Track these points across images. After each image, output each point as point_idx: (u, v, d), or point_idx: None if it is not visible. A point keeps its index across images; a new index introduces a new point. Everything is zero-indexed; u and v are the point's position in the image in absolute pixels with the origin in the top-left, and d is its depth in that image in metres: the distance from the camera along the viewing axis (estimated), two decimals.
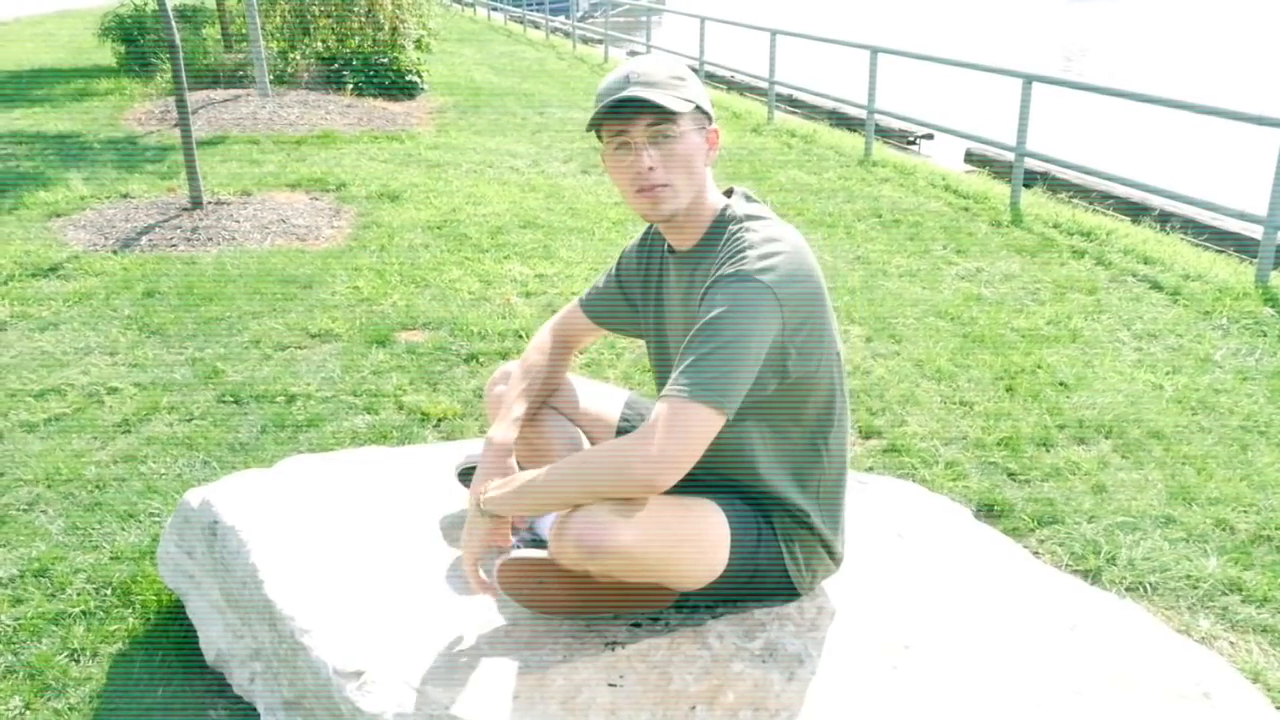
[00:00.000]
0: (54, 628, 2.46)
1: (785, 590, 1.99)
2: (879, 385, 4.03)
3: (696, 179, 1.83)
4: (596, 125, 1.79)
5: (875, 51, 9.43)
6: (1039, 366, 4.29)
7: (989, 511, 3.15)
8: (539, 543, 2.10)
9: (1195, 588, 2.78)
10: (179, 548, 2.37)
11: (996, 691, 1.80)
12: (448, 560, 2.10)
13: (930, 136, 12.07)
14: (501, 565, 1.90)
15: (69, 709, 2.22)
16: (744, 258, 1.77)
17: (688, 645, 1.87)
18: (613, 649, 1.85)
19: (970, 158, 10.85)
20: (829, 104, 12.80)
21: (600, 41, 18.72)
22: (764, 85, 11.80)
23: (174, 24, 5.64)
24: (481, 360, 4.02)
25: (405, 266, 5.13)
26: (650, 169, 1.78)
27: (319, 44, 11.41)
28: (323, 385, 3.76)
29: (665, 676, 1.79)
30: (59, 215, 5.91)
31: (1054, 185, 9.11)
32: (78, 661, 2.36)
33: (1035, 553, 2.94)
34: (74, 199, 6.21)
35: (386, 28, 11.77)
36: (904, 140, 12.17)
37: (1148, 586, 2.78)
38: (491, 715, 1.69)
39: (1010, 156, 7.66)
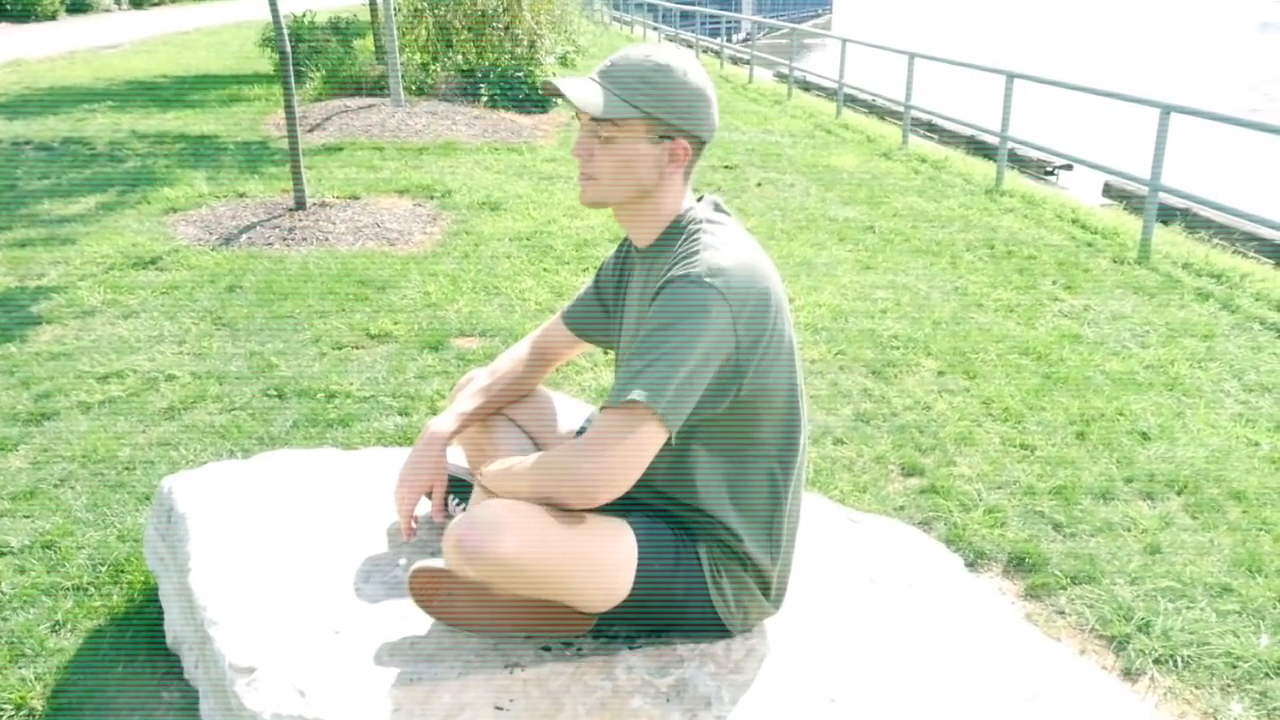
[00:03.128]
0: (45, 599, 2.55)
1: (713, 627, 1.87)
2: (936, 422, 3.81)
3: (630, 184, 1.78)
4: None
5: (1011, 77, 9.05)
6: (1120, 413, 3.97)
7: (1019, 564, 2.92)
8: None
9: (1234, 667, 2.49)
10: (156, 531, 2.42)
11: None
12: (379, 565, 2.07)
13: (1069, 167, 11.50)
14: (412, 574, 1.85)
15: (35, 677, 2.28)
16: (696, 260, 1.70)
17: (592, 675, 1.77)
18: (511, 670, 1.77)
19: (1109, 191, 10.27)
20: (967, 130, 12.36)
21: (748, 62, 18.65)
22: (902, 109, 11.50)
23: (285, 33, 5.88)
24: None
25: (481, 274, 5.18)
26: (582, 157, 1.77)
27: (459, 57, 11.74)
28: (365, 385, 3.82)
29: (557, 705, 1.70)
30: (175, 211, 6.23)
31: (1194, 223, 8.51)
32: (57, 633, 2.43)
33: (1060, 612, 2.71)
34: (193, 196, 6.54)
35: (525, 43, 12.02)
36: (1041, 170, 11.63)
37: (1179, 661, 2.51)
38: None
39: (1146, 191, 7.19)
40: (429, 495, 2.04)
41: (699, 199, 1.88)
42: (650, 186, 1.79)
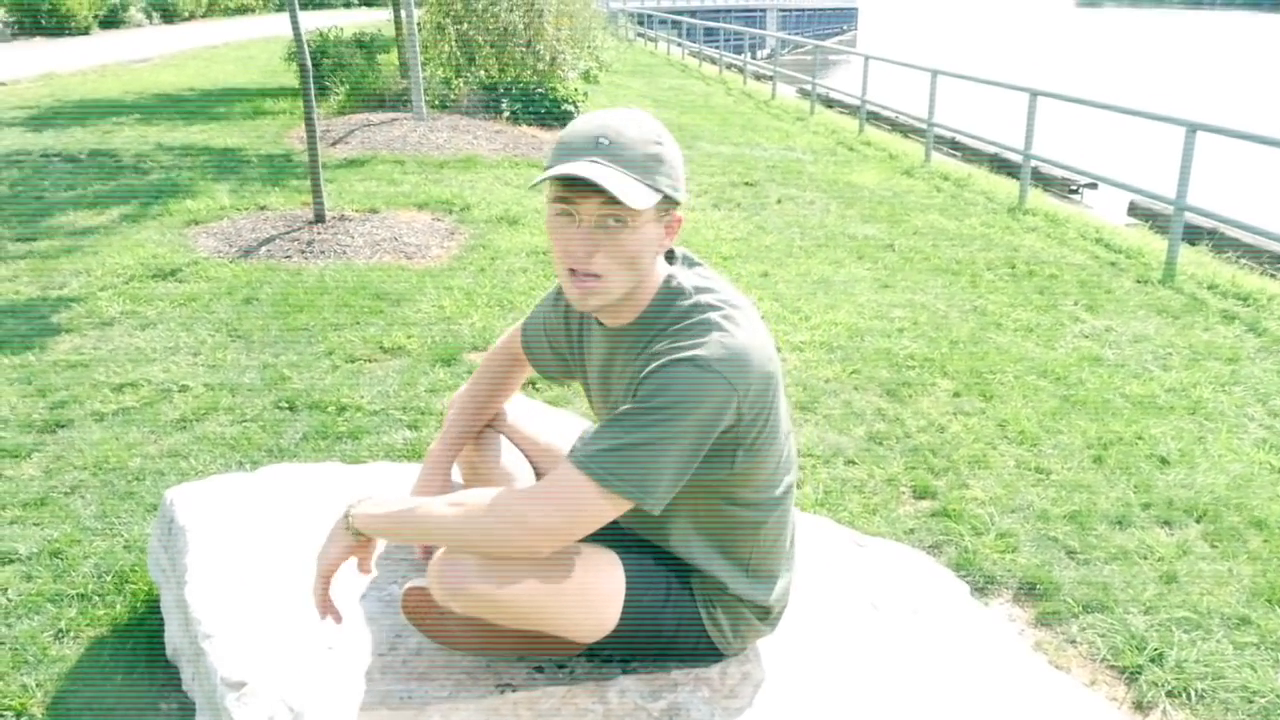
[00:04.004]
0: (50, 606, 2.55)
1: (707, 652, 1.84)
2: (950, 443, 3.76)
3: (639, 272, 1.61)
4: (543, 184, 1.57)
5: (1034, 94, 9.00)
6: (1140, 437, 3.92)
7: (1030, 590, 2.87)
8: None
9: (1250, 701, 2.44)
10: (159, 542, 2.42)
11: None
12: (376, 583, 2.06)
13: (1094, 186, 11.41)
14: (406, 592, 1.84)
15: (35, 685, 2.29)
16: (702, 341, 1.56)
17: (584, 698, 1.75)
18: (503, 692, 1.75)
19: (1134, 210, 10.18)
20: (991, 148, 12.29)
21: (771, 78, 18.65)
22: (925, 127, 11.45)
23: (306, 47, 5.92)
24: (539, 386, 3.99)
25: (496, 289, 5.18)
26: (588, 255, 1.56)
27: (481, 72, 11.80)
28: (376, 399, 3.82)
29: None
30: (197, 223, 6.28)
31: (1222, 244, 8.40)
32: (60, 641, 2.44)
33: (1071, 640, 2.66)
34: (214, 208, 6.59)
35: (546, 58, 12.07)
36: (1065, 189, 11.55)
37: (1192, 694, 2.46)
38: None
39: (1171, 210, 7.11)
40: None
41: (668, 255, 1.74)
42: (646, 272, 1.64)
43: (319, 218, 6.14)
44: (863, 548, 2.39)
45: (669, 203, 1.60)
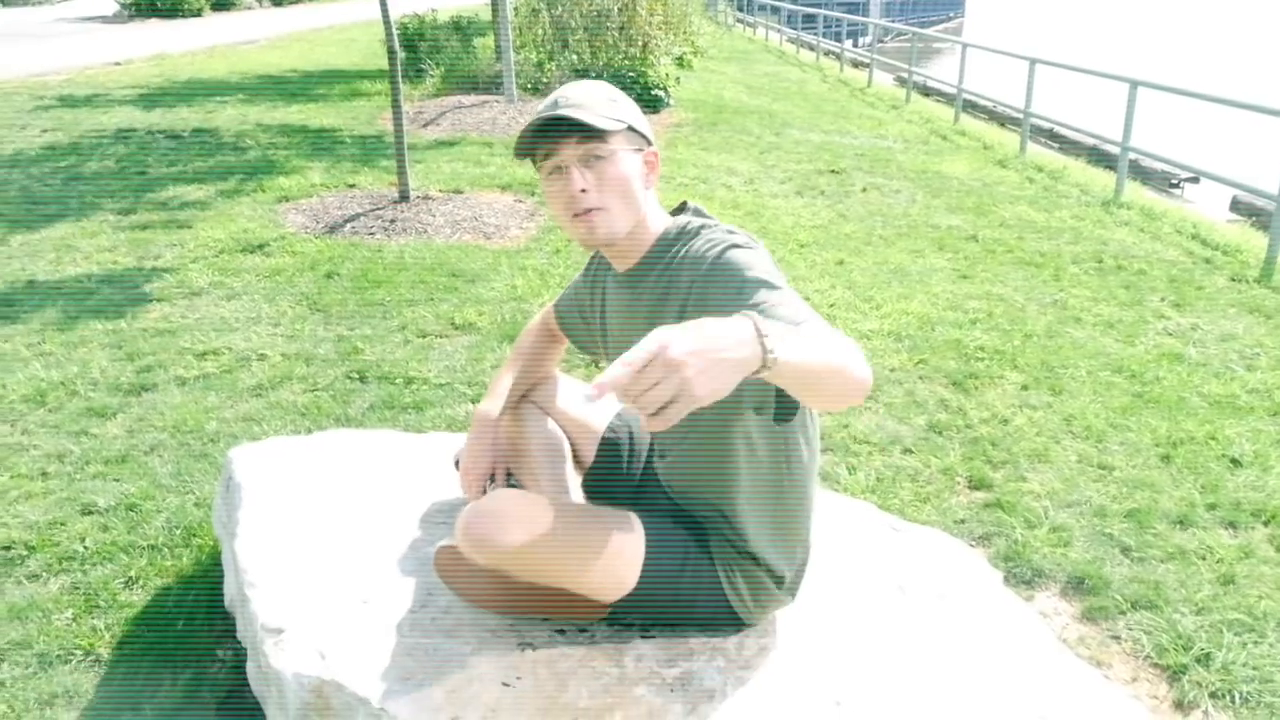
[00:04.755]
0: (122, 556, 2.71)
1: (727, 619, 1.88)
2: (1011, 437, 3.71)
3: (634, 203, 1.76)
4: (529, 152, 1.74)
5: (1134, 84, 8.72)
6: (1213, 437, 3.81)
7: (1078, 585, 2.83)
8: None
9: None
10: (222, 499, 2.56)
11: None
12: (416, 543, 2.14)
13: (1196, 180, 11.00)
14: (438, 551, 1.92)
15: (104, 627, 2.44)
16: (728, 236, 1.72)
17: (601, 660, 1.81)
18: (523, 650, 1.82)
19: (1236, 206, 9.79)
20: (1090, 140, 11.94)
21: (868, 65, 18.39)
22: (1021, 117, 11.18)
23: (394, 31, 6.07)
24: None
25: (570, 270, 5.26)
26: (583, 191, 1.71)
27: (574, 56, 11.91)
28: (443, 373, 3.93)
29: (562, 686, 1.74)
30: (288, 200, 6.51)
31: None
32: (129, 588, 2.59)
33: (1115, 637, 2.62)
34: (306, 186, 6.82)
35: (639, 43, 12.13)
36: (1166, 183, 11.16)
37: (1237, 696, 2.40)
38: (374, 689, 1.70)
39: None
40: (493, 478, 2.09)
41: (678, 208, 1.88)
42: (642, 205, 1.78)
43: (403, 196, 6.31)
44: (898, 532, 2.39)
45: (639, 139, 1.76)
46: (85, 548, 2.75)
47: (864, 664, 1.85)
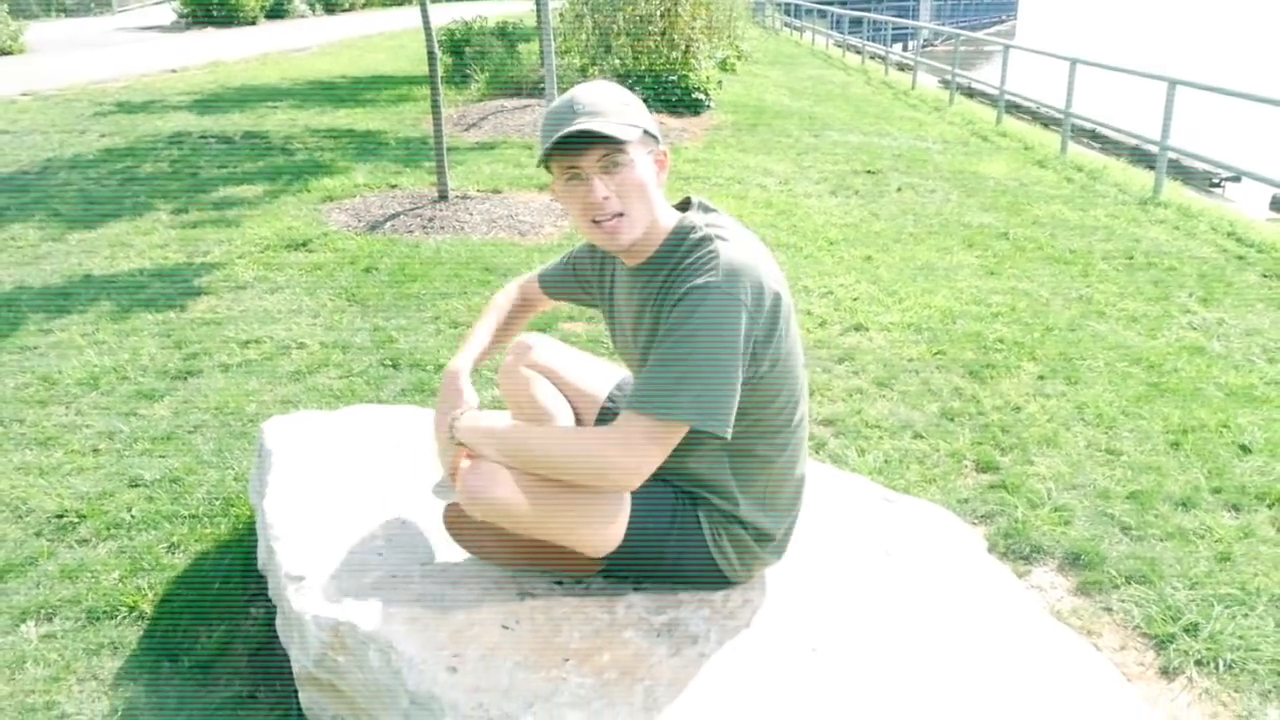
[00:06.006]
0: (166, 524, 2.91)
1: (713, 577, 2.01)
2: (1022, 423, 3.79)
3: (650, 205, 1.83)
4: (546, 160, 1.81)
5: (1173, 84, 8.69)
6: (1225, 425, 3.86)
7: (1075, 561, 2.91)
8: None
9: None
10: (256, 469, 2.74)
11: (883, 709, 1.74)
12: (430, 503, 2.30)
13: (1237, 179, 10.89)
14: (446, 508, 2.08)
15: (148, 586, 2.63)
16: (710, 267, 1.75)
17: (594, 608, 1.95)
18: (523, 598, 1.97)
19: (1277, 204, 9.69)
20: (1132, 140, 11.87)
21: (912, 68, 18.38)
22: (1062, 117, 11.16)
23: (434, 35, 6.28)
24: (613, 349, 4.20)
25: None
26: (605, 199, 1.78)
27: (616, 61, 12.09)
28: None
29: (556, 629, 1.89)
30: (331, 199, 6.75)
31: None
32: (171, 553, 2.78)
33: (1107, 609, 2.71)
34: (350, 186, 7.06)
35: (681, 47, 12.27)
36: (1207, 182, 11.06)
37: (1221, 663, 2.48)
38: (382, 630, 1.86)
39: None
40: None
41: (683, 203, 1.95)
42: (655, 204, 1.85)
43: (442, 196, 6.51)
44: (890, 503, 2.51)
45: (651, 140, 1.83)
46: (132, 516, 2.95)
47: (841, 616, 1.97)
